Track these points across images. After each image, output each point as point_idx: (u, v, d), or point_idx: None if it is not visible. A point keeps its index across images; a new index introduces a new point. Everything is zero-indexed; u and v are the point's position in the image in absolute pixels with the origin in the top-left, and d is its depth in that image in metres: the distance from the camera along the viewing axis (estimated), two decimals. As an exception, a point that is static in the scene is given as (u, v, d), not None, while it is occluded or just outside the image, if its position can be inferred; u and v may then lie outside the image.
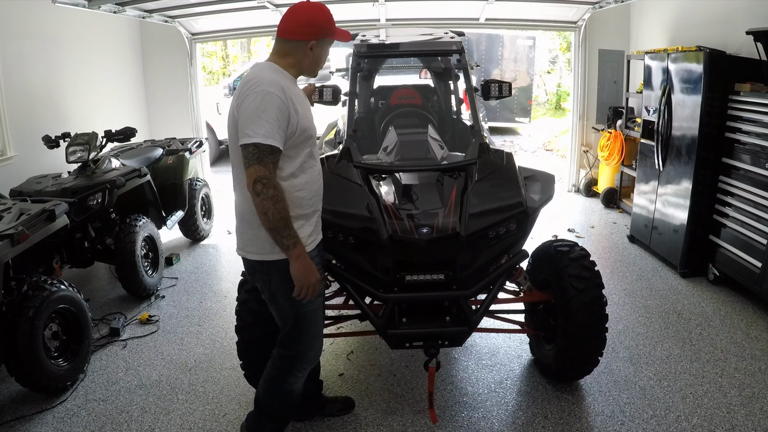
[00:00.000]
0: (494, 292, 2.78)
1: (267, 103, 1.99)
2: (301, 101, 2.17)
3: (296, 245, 2.07)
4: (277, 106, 2.00)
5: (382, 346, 3.48)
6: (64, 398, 3.13)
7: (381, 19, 6.63)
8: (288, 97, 2.05)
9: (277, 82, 2.05)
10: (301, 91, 2.25)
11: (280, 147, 2.02)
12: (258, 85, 2.02)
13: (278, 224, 2.01)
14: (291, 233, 2.05)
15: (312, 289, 2.15)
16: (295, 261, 2.09)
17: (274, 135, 1.98)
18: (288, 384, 2.41)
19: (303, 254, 2.10)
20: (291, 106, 2.05)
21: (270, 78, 2.06)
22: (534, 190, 2.97)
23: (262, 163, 1.98)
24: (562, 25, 7.25)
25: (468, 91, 3.44)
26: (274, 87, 2.02)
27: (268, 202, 1.99)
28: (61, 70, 5.54)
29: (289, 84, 2.13)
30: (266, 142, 1.97)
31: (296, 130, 2.09)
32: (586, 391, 3.09)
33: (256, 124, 1.98)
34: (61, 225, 3.37)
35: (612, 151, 6.38)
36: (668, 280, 4.57)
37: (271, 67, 2.14)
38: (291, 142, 2.09)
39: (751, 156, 3.97)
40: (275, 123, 1.99)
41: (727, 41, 4.66)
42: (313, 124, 2.24)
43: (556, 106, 15.81)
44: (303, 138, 2.14)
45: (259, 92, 2.00)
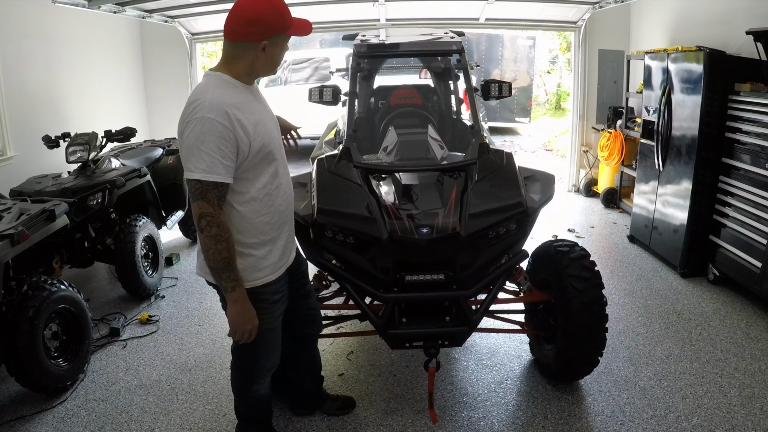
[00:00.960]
0: (494, 292, 2.79)
1: (206, 132, 1.79)
2: (255, 117, 1.94)
3: (235, 289, 1.95)
4: (218, 135, 1.80)
5: (382, 346, 3.48)
6: (64, 398, 3.13)
7: (381, 19, 6.63)
8: (233, 119, 1.84)
9: (219, 104, 1.83)
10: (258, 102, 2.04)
11: (224, 181, 1.86)
12: (198, 111, 1.82)
13: (218, 265, 1.91)
14: (231, 276, 1.93)
15: (247, 335, 2.04)
16: (233, 305, 1.98)
17: (216, 169, 1.82)
18: (253, 391, 2.38)
19: (241, 299, 1.98)
20: (238, 130, 1.85)
21: (211, 99, 1.84)
22: (534, 190, 2.97)
23: (206, 199, 1.85)
24: (562, 25, 7.25)
25: (468, 91, 3.44)
26: (215, 111, 1.81)
27: (209, 240, 1.88)
28: (60, 70, 5.54)
29: (238, 100, 1.90)
30: (207, 179, 1.82)
31: (249, 153, 1.90)
32: (586, 391, 3.09)
33: (195, 158, 1.81)
34: (61, 225, 3.37)
35: (612, 151, 6.38)
36: (668, 280, 4.57)
37: (218, 81, 1.92)
38: (246, 165, 1.92)
39: (751, 156, 3.97)
40: (217, 154, 1.81)
41: (727, 41, 4.66)
42: (273, 139, 2.04)
43: (556, 106, 15.81)
44: (260, 157, 1.96)
45: (198, 120, 1.80)
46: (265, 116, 2.05)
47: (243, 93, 1.95)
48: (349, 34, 4.35)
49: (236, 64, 1.95)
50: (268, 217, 2.05)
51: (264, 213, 2.04)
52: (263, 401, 2.47)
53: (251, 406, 2.47)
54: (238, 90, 1.94)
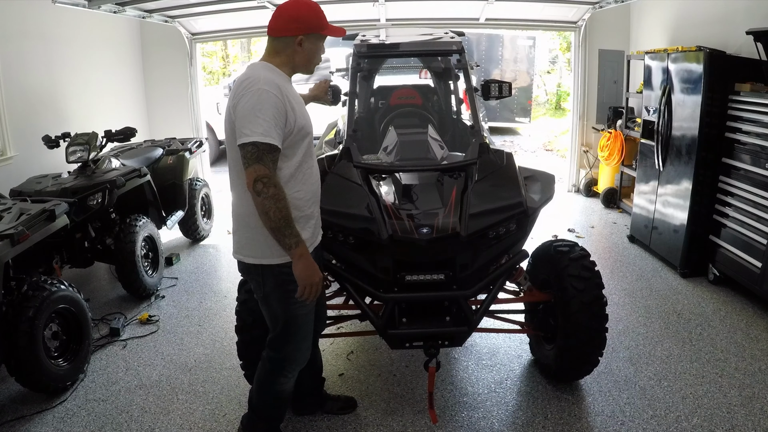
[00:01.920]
0: (494, 292, 2.79)
1: (263, 101, 1.98)
2: (297, 99, 2.17)
3: (299, 244, 2.05)
4: (273, 104, 1.99)
5: (382, 346, 3.48)
6: (64, 398, 3.13)
7: (381, 19, 6.63)
8: (284, 95, 2.05)
9: (272, 80, 2.05)
10: (295, 90, 2.24)
11: (278, 145, 2.01)
12: (254, 84, 2.01)
13: (280, 223, 1.99)
14: (293, 232, 2.03)
15: (315, 288, 2.12)
16: (298, 260, 2.06)
17: (271, 133, 1.97)
18: (278, 384, 2.41)
19: (306, 253, 2.08)
20: (288, 104, 2.05)
21: (265, 76, 2.05)
22: (534, 190, 2.97)
23: (262, 162, 1.96)
24: (562, 25, 7.25)
25: (468, 91, 3.44)
26: (270, 85, 2.01)
27: (269, 201, 1.97)
28: (61, 70, 5.54)
29: (284, 82, 2.12)
30: (264, 140, 1.96)
31: (294, 129, 2.08)
32: (586, 391, 3.09)
33: (253, 123, 1.96)
34: (61, 225, 3.37)
35: (612, 151, 6.38)
36: (668, 280, 4.57)
37: (266, 66, 2.14)
38: (288, 141, 2.08)
39: (751, 156, 3.97)
40: (272, 121, 1.98)
41: (727, 41, 4.66)
42: (310, 123, 2.22)
43: (556, 106, 15.81)
44: (300, 136, 2.13)
45: (254, 91, 1.99)
46: (302, 103, 2.24)
47: (286, 81, 2.17)
48: (349, 34, 4.35)
49: (277, 57, 2.17)
50: (302, 193, 2.17)
51: (299, 189, 2.16)
52: (283, 398, 2.47)
53: (271, 403, 2.47)
54: (283, 78, 2.16)
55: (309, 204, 2.23)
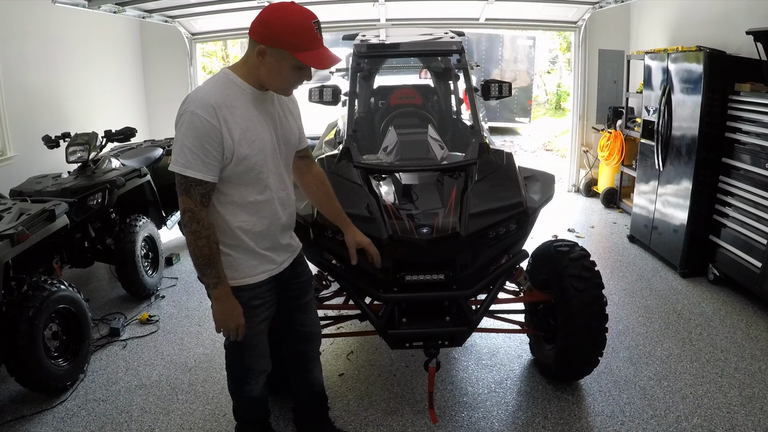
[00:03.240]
0: (494, 292, 2.78)
1: (189, 127, 1.78)
2: (246, 124, 1.86)
3: (216, 286, 1.92)
4: (202, 132, 1.77)
5: (382, 346, 3.48)
6: (64, 398, 3.13)
7: (381, 19, 6.64)
8: (220, 118, 1.79)
9: (209, 100, 1.80)
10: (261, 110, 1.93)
11: (204, 179, 1.81)
12: (189, 105, 1.81)
13: (198, 261, 1.89)
14: (213, 273, 1.91)
15: (233, 332, 2.02)
16: (215, 302, 1.97)
17: (195, 165, 1.79)
18: (246, 392, 2.32)
19: (223, 297, 1.95)
20: (225, 131, 1.81)
21: (205, 95, 1.82)
22: (534, 190, 2.97)
23: (188, 194, 1.83)
24: (562, 25, 7.26)
25: (468, 91, 3.44)
26: (204, 108, 1.78)
27: (190, 236, 1.87)
28: (61, 70, 5.54)
29: (232, 100, 1.85)
30: (185, 173, 1.80)
31: (232, 158, 1.85)
32: (586, 391, 3.09)
33: (178, 151, 1.80)
34: (61, 225, 3.37)
35: (612, 151, 6.38)
36: (668, 280, 4.57)
37: (221, 79, 1.89)
38: (230, 169, 1.87)
39: (751, 156, 3.97)
40: (199, 151, 1.78)
41: (727, 41, 4.66)
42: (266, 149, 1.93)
43: (556, 106, 15.82)
44: (244, 168, 1.88)
45: (186, 114, 1.79)
46: (265, 125, 1.94)
47: (244, 96, 1.89)
48: (349, 34, 4.35)
49: (245, 64, 1.91)
50: (249, 225, 1.99)
51: (244, 221, 1.98)
52: (258, 401, 2.41)
53: (247, 406, 2.43)
54: (239, 91, 1.88)
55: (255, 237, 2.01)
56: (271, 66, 1.84)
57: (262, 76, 1.88)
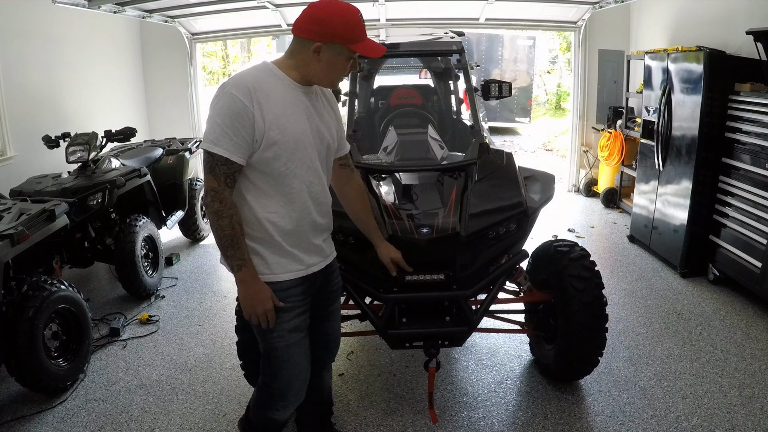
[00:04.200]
0: (494, 292, 2.78)
1: (225, 105, 1.77)
2: (281, 110, 1.83)
3: (241, 268, 1.86)
4: (234, 110, 1.76)
5: (382, 346, 3.48)
6: (64, 398, 3.13)
7: (381, 19, 6.63)
8: (254, 100, 1.78)
9: (246, 82, 1.80)
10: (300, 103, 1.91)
11: (230, 157, 1.79)
12: (226, 86, 1.81)
13: (222, 242, 1.84)
14: (237, 254, 1.84)
15: (261, 319, 1.92)
16: (240, 285, 1.90)
17: (223, 143, 1.77)
18: (271, 414, 2.19)
19: (248, 279, 1.88)
20: (258, 112, 1.78)
21: (244, 77, 1.83)
22: (534, 190, 2.97)
23: (213, 173, 1.80)
24: (562, 25, 7.26)
25: (468, 91, 3.44)
26: (239, 88, 1.78)
27: (212, 216, 1.82)
28: (61, 70, 5.54)
29: (269, 86, 1.84)
30: (213, 150, 1.78)
31: (262, 141, 1.81)
32: (586, 391, 3.09)
33: (209, 128, 1.80)
34: (61, 225, 3.37)
35: (612, 151, 6.38)
36: (668, 280, 4.57)
37: (261, 67, 1.89)
38: (258, 154, 1.83)
39: (751, 156, 3.97)
40: (228, 130, 1.76)
41: (727, 41, 4.66)
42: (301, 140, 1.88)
43: (556, 106, 15.82)
44: (273, 153, 1.84)
45: (222, 94, 1.80)
46: (302, 117, 1.90)
47: (282, 85, 1.87)
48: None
49: (291, 59, 1.90)
50: (276, 217, 1.91)
51: (273, 212, 1.91)
52: (277, 424, 2.26)
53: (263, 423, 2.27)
54: (277, 81, 1.87)
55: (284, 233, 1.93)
56: (327, 61, 1.86)
57: (314, 72, 1.89)
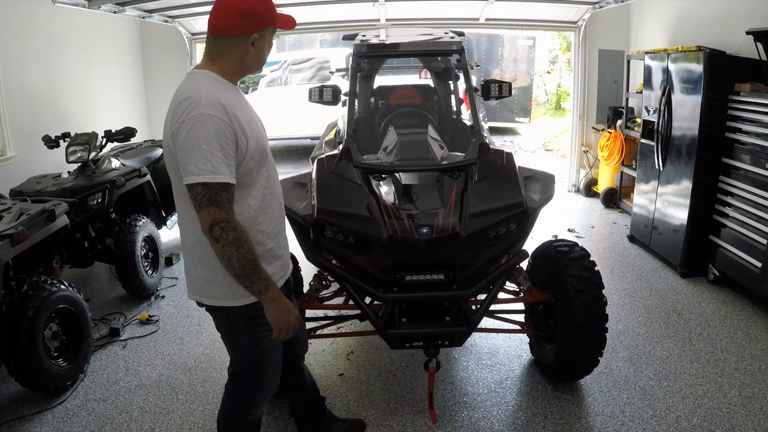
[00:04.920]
0: (494, 292, 2.78)
1: (207, 129, 1.67)
2: (245, 114, 1.84)
3: (269, 288, 1.81)
4: (219, 132, 1.68)
5: (382, 346, 3.48)
6: (64, 398, 3.13)
7: (381, 19, 6.63)
8: (231, 115, 1.73)
9: (215, 99, 1.71)
10: (244, 100, 1.93)
11: (231, 181, 1.72)
12: (194, 108, 1.69)
13: (246, 270, 1.74)
14: (261, 276, 1.78)
15: (292, 329, 1.92)
16: (270, 305, 1.84)
17: (221, 169, 1.68)
18: (250, 415, 2.21)
19: (278, 296, 1.85)
20: (236, 126, 1.74)
21: (207, 95, 1.72)
22: (534, 190, 2.97)
23: (216, 204, 1.68)
24: (562, 25, 7.25)
25: (468, 91, 3.44)
26: (213, 107, 1.69)
27: (229, 247, 1.70)
28: (61, 70, 5.54)
29: (230, 97, 1.79)
30: (215, 180, 1.67)
31: (246, 153, 1.78)
32: (586, 391, 3.09)
33: (198, 159, 1.66)
34: (61, 225, 3.38)
35: (612, 151, 6.38)
36: (668, 280, 4.57)
37: (207, 79, 1.80)
38: (244, 167, 1.79)
39: (751, 156, 3.97)
40: (219, 153, 1.68)
41: (727, 41, 4.66)
42: (264, 136, 1.92)
43: (556, 106, 15.80)
44: (256, 159, 1.84)
45: (195, 117, 1.67)
46: (254, 115, 1.94)
47: (231, 90, 1.85)
48: (349, 34, 4.36)
49: (223, 61, 1.84)
50: (266, 225, 1.92)
51: (261, 221, 1.90)
52: (254, 426, 2.27)
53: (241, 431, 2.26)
54: (226, 87, 1.84)
55: (272, 236, 1.95)
56: (260, 49, 1.87)
57: (248, 63, 1.87)
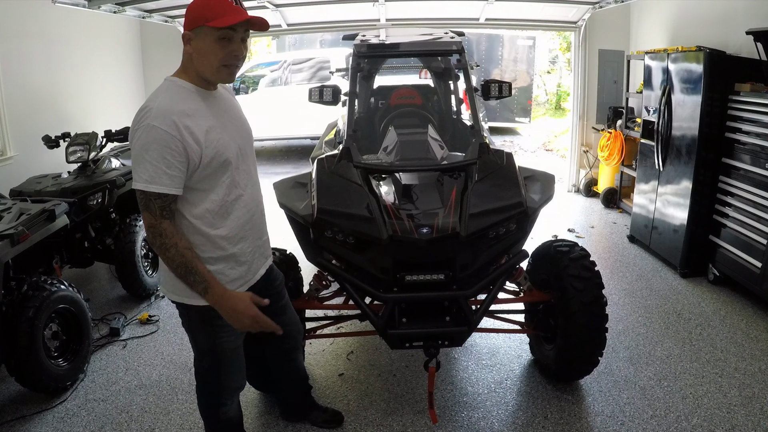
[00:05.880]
0: (494, 292, 2.78)
1: (150, 140, 1.73)
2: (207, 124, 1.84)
3: (207, 290, 1.85)
4: (162, 144, 1.73)
5: (382, 346, 3.48)
6: (64, 398, 3.13)
7: (381, 19, 6.63)
8: (180, 127, 1.76)
9: (166, 109, 1.76)
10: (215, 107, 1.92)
11: (168, 192, 1.77)
12: (144, 118, 1.75)
13: (179, 272, 1.83)
14: (197, 278, 1.83)
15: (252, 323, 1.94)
16: (217, 304, 1.88)
17: (158, 179, 1.74)
18: (221, 414, 2.25)
19: (223, 295, 1.88)
20: (187, 138, 1.77)
21: (159, 105, 1.77)
22: (534, 190, 2.97)
23: (148, 210, 1.78)
24: (562, 25, 7.25)
25: (468, 91, 3.44)
26: (161, 118, 1.74)
27: (159, 252, 1.82)
28: (61, 70, 5.54)
29: (189, 107, 1.82)
30: (149, 189, 1.75)
31: (200, 162, 1.81)
32: (586, 391, 3.09)
33: (140, 167, 1.75)
34: (61, 225, 3.38)
35: (612, 151, 6.38)
36: (668, 280, 4.57)
37: (169, 87, 1.86)
38: (199, 174, 1.83)
39: (751, 156, 3.97)
40: (161, 164, 1.73)
41: (727, 41, 4.66)
42: (230, 146, 1.91)
43: (556, 106, 15.80)
44: (214, 167, 1.86)
45: (143, 128, 1.74)
46: (224, 122, 1.92)
47: (195, 98, 1.87)
48: (349, 34, 4.36)
49: (183, 66, 1.90)
50: (225, 230, 1.94)
51: (220, 226, 1.92)
52: (234, 424, 2.34)
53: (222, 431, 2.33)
54: (190, 95, 1.86)
55: (233, 242, 1.97)
56: (198, 49, 1.81)
57: (195, 65, 1.85)
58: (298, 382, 2.75)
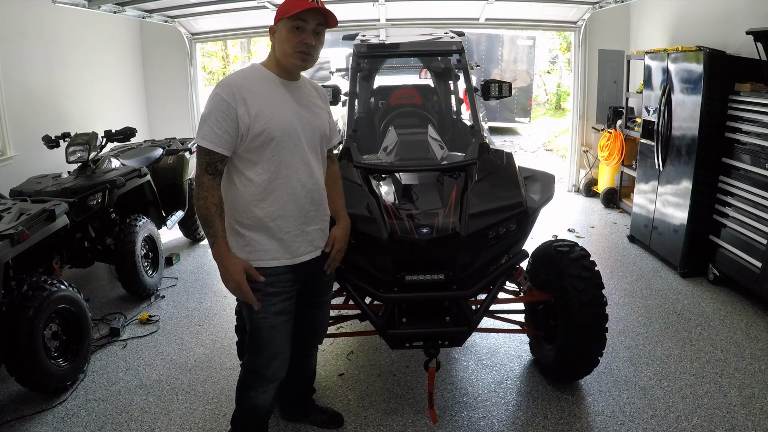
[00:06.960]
0: (494, 292, 2.78)
1: (212, 105, 2.00)
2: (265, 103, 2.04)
3: (215, 244, 2.05)
4: (218, 108, 1.99)
5: (382, 346, 3.48)
6: (64, 398, 3.13)
7: (381, 19, 6.64)
8: (238, 97, 1.99)
9: (231, 81, 2.04)
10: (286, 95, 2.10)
11: (217, 150, 2.00)
12: (215, 87, 2.05)
13: (202, 221, 2.05)
14: (211, 232, 2.04)
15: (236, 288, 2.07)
16: (216, 259, 2.08)
17: (210, 137, 1.99)
18: (250, 397, 2.34)
19: (219, 254, 2.06)
20: (240, 107, 1.99)
21: (229, 78, 2.07)
22: (534, 190, 2.97)
23: (199, 163, 2.03)
24: (562, 25, 7.26)
25: (468, 91, 3.44)
26: (223, 87, 2.02)
27: (195, 200, 2.06)
28: (61, 70, 5.54)
29: (253, 84, 2.05)
30: (201, 144, 2.01)
31: (248, 133, 2.01)
32: (586, 391, 3.09)
33: (201, 126, 2.02)
34: (61, 225, 3.37)
35: (612, 151, 6.38)
36: (668, 280, 4.57)
37: (248, 68, 2.15)
38: (246, 145, 2.04)
39: (751, 156, 3.97)
40: (215, 125, 1.98)
41: (727, 41, 4.66)
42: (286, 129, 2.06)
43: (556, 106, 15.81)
44: (260, 142, 2.03)
45: (212, 95, 2.03)
46: (289, 108, 2.10)
47: (266, 81, 2.08)
48: (349, 34, 4.36)
49: (268, 56, 2.15)
50: (265, 204, 2.08)
51: (261, 199, 2.08)
52: (256, 412, 2.39)
53: (245, 415, 2.41)
54: (262, 77, 2.09)
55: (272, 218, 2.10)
56: (278, 38, 2.08)
57: (276, 53, 2.09)
58: (306, 379, 2.78)
